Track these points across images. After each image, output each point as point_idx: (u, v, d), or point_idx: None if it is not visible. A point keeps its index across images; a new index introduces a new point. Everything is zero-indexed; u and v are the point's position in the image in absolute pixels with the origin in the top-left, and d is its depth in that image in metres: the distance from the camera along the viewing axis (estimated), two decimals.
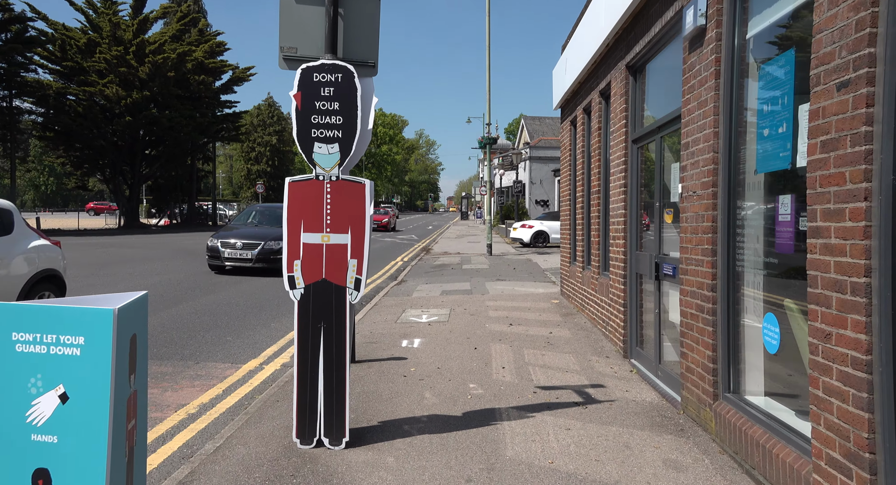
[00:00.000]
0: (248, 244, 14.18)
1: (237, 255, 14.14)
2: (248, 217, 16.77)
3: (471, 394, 5.38)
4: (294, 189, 4.19)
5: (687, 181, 4.66)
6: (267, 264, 14.13)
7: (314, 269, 4.17)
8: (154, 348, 7.13)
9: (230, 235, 14.50)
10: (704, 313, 4.28)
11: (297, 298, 4.17)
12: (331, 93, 4.14)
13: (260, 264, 14.10)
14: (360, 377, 5.87)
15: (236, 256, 14.13)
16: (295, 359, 4.14)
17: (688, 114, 4.65)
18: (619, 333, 6.84)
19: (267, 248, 14.15)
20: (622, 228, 6.70)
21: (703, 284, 4.31)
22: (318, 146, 4.17)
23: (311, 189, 4.18)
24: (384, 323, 8.75)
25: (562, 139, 11.12)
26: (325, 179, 4.17)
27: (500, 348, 7.12)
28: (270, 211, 16.77)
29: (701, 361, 4.35)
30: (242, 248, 14.15)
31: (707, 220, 4.26)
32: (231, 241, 14.28)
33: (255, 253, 14.10)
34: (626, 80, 6.60)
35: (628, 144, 6.62)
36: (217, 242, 14.44)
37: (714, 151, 4.18)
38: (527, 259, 19.66)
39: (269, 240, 14.19)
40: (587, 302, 8.76)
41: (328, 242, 4.17)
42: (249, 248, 14.15)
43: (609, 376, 5.95)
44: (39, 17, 34.02)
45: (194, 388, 5.70)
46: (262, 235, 14.40)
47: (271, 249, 14.17)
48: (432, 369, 6.24)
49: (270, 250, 14.16)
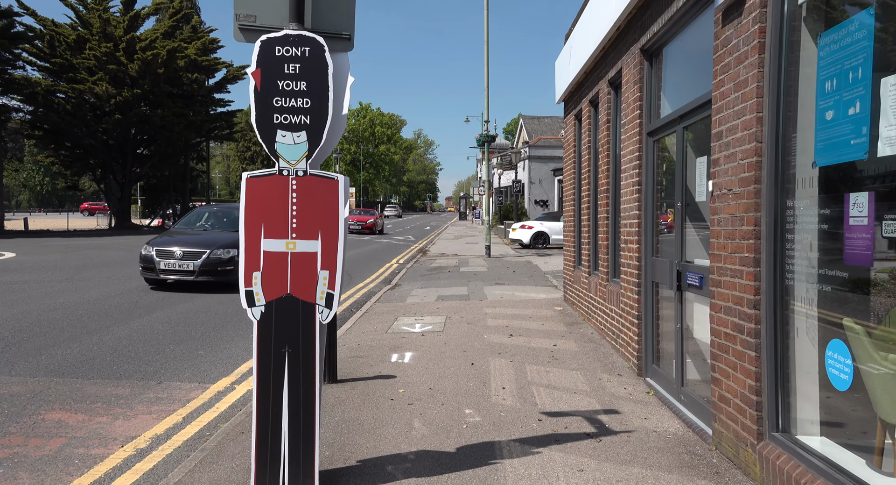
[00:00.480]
0: (191, 253, 11.66)
1: (176, 266, 11.56)
2: (199, 219, 14.28)
3: (466, 422, 4.67)
4: (253, 186, 3.49)
5: (719, 177, 3.96)
6: (213, 277, 11.63)
7: (277, 282, 3.47)
8: (114, 365, 6.41)
9: (171, 242, 12.02)
10: (744, 334, 3.58)
11: (256, 318, 3.47)
12: (296, 70, 3.43)
13: (204, 278, 11.56)
14: (340, 401, 5.17)
15: (174, 267, 11.56)
16: (254, 392, 3.44)
17: (720, 98, 3.95)
18: (631, 347, 6.14)
19: (213, 257, 11.67)
20: (635, 230, 6.00)
21: (743, 300, 3.61)
22: (282, 134, 3.47)
23: (274, 186, 3.47)
24: (374, 333, 8.05)
25: (565, 135, 10.42)
26: (291, 175, 3.47)
27: (500, 364, 6.42)
28: (226, 212, 14.40)
29: (739, 391, 3.65)
30: (183, 257, 11.60)
31: (748, 223, 3.56)
32: (170, 249, 11.74)
33: (198, 264, 11.55)
34: (641, 65, 5.90)
35: (642, 138, 5.92)
36: (152, 250, 11.77)
37: (757, 141, 3.48)
38: (526, 261, 18.97)
39: (218, 248, 11.82)
40: (594, 310, 8.06)
41: (294, 249, 3.47)
42: (191, 257, 11.62)
43: (623, 399, 5.25)
44: (28, 12, 33.20)
45: (150, 415, 4.98)
46: (208, 242, 12.03)
47: (219, 258, 11.71)
48: (424, 389, 5.54)
49: (218, 260, 11.70)
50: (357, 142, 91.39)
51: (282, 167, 3.48)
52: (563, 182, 10.67)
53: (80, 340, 7.44)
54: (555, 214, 27.15)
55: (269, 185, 3.48)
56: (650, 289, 5.79)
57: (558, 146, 41.98)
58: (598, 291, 7.78)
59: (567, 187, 10.26)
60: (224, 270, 11.70)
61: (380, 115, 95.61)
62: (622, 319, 6.53)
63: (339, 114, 3.60)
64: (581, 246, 9.13)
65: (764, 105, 3.45)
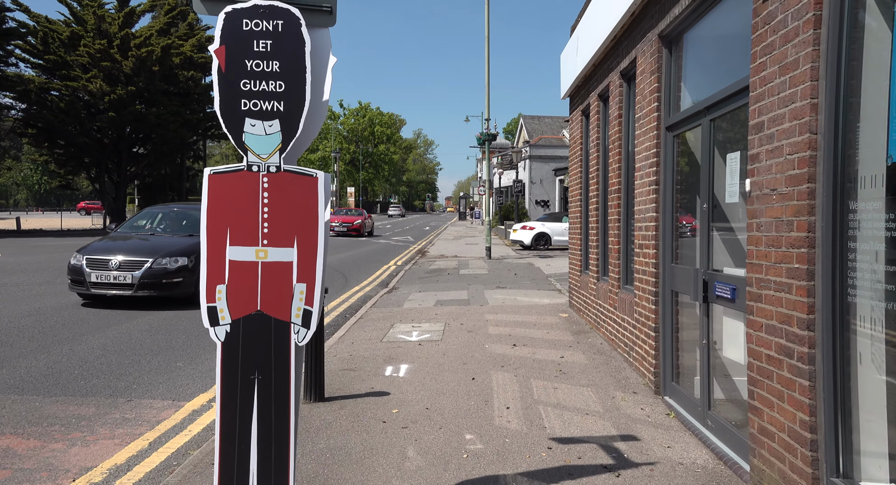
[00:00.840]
0: (129, 262, 9.57)
1: (111, 278, 9.45)
2: (151, 221, 12.02)
3: (467, 450, 4.15)
4: (217, 184, 2.96)
5: (759, 175, 3.44)
6: (157, 291, 9.62)
7: (245, 297, 2.94)
8: (81, 380, 5.88)
9: (106, 250, 9.90)
10: (794, 359, 3.06)
11: (219, 339, 2.94)
12: (268, 47, 2.91)
13: (146, 292, 9.53)
14: (326, 424, 4.64)
15: (109, 280, 9.46)
16: (216, 428, 2.91)
17: (762, 83, 3.43)
18: (647, 362, 5.62)
19: (157, 267, 9.60)
20: (652, 234, 5.48)
21: (792, 318, 3.08)
22: (251, 124, 2.94)
23: (242, 184, 2.94)
24: (368, 342, 7.52)
25: (571, 132, 9.89)
26: (262, 171, 2.94)
27: (503, 379, 5.89)
28: (185, 213, 12.02)
29: (787, 425, 3.12)
30: (119, 268, 9.50)
31: (798, 228, 3.03)
32: (104, 258, 9.63)
33: (137, 276, 9.46)
34: (659, 53, 5.37)
35: (660, 133, 5.40)
36: (82, 259, 9.72)
37: (811, 132, 2.95)
38: (528, 263, 18.44)
39: (164, 255, 9.76)
40: (603, 319, 7.54)
41: (265, 258, 2.94)
42: (130, 267, 9.53)
43: (641, 422, 4.72)
44: (20, 8, 32.64)
45: (113, 440, 4.45)
46: (152, 249, 9.98)
47: (164, 268, 9.64)
48: (420, 409, 5.01)
49: (163, 271, 9.63)
50: (356, 141, 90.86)
51: (251, 162, 2.96)
52: (569, 182, 10.15)
53: (49, 351, 6.90)
54: (556, 214, 26.63)
55: (237, 182, 2.95)
56: (670, 299, 5.27)
57: (559, 146, 41.46)
58: (607, 299, 7.26)
59: (573, 187, 9.73)
60: (170, 283, 9.71)
61: (379, 115, 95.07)
62: (636, 331, 6.00)
63: (319, 99, 3.07)
64: (588, 249, 8.60)
65: (820, 89, 2.92)
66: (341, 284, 13.59)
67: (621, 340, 6.63)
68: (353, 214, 34.71)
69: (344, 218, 33.30)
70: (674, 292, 5.23)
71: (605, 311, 7.38)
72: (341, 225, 32.32)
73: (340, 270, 16.20)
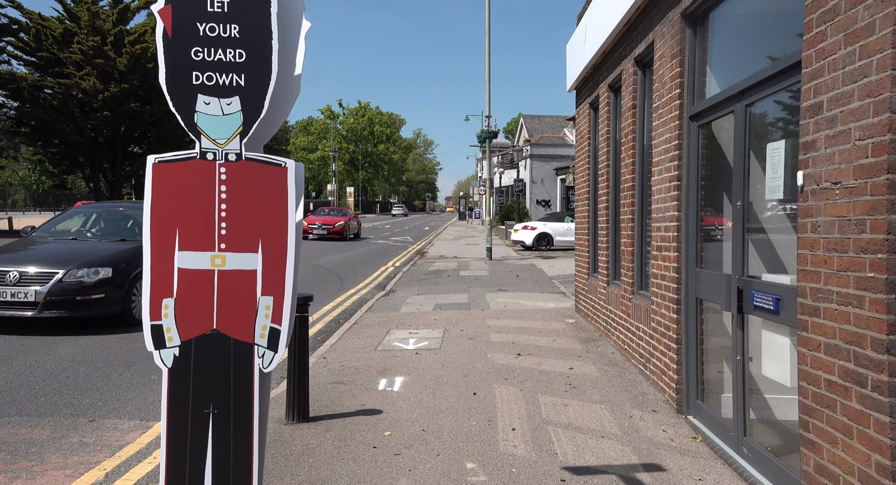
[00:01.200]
0: (34, 275, 7.58)
1: (6, 295, 7.45)
2: (81, 222, 9.80)
3: (468, 483, 3.61)
4: (163, 176, 2.43)
5: (817, 166, 2.89)
6: (68, 311, 7.59)
7: (198, 313, 2.40)
8: (42, 396, 5.33)
9: (8, 259, 7.86)
10: (867, 388, 2.52)
11: (166, 365, 2.40)
12: (224, 7, 2.37)
13: (53, 312, 7.51)
14: (309, 451, 4.10)
15: (4, 297, 7.46)
16: (161, 472, 2.37)
17: (819, 57, 2.89)
18: (668, 377, 5.08)
19: (71, 280, 7.61)
20: (673, 235, 4.94)
21: (864, 338, 2.54)
22: (205, 101, 2.40)
23: (193, 176, 2.41)
24: (361, 351, 6.99)
25: (578, 126, 9.35)
26: (218, 159, 2.41)
27: (508, 394, 5.36)
28: (129, 214, 9.73)
29: (858, 468, 2.58)
30: (19, 282, 7.51)
31: (872, 229, 2.50)
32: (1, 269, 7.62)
33: (42, 291, 7.46)
34: (682, 33, 4.83)
35: (684, 122, 4.86)
36: None
37: (891, 111, 2.41)
38: (530, 264, 17.90)
39: (79, 266, 7.75)
40: (614, 327, 7.00)
41: (223, 266, 2.40)
42: (34, 281, 7.54)
43: (665, 448, 4.18)
44: (13, 4, 32.10)
45: (64, 470, 3.90)
46: (67, 257, 7.99)
47: (80, 282, 7.64)
48: (415, 430, 4.48)
49: (78, 285, 7.62)
50: (356, 141, 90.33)
51: (205, 148, 2.42)
52: (576, 179, 9.61)
53: (11, 362, 6.35)
54: (558, 214, 26.10)
55: (187, 173, 2.41)
56: (694, 307, 4.72)
57: (561, 145, 40.92)
58: (619, 305, 6.71)
59: (580, 185, 9.19)
60: (87, 301, 7.64)
61: (379, 114, 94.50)
62: (654, 342, 5.46)
63: (290, 73, 2.52)
64: (597, 251, 8.06)
65: None
66: (336, 287, 13.05)
67: (636, 350, 6.09)
68: (336, 214, 29.59)
69: (324, 219, 28.37)
70: (697, 300, 4.69)
71: (617, 318, 6.84)
72: (321, 227, 27.55)
73: (335, 272, 15.66)
